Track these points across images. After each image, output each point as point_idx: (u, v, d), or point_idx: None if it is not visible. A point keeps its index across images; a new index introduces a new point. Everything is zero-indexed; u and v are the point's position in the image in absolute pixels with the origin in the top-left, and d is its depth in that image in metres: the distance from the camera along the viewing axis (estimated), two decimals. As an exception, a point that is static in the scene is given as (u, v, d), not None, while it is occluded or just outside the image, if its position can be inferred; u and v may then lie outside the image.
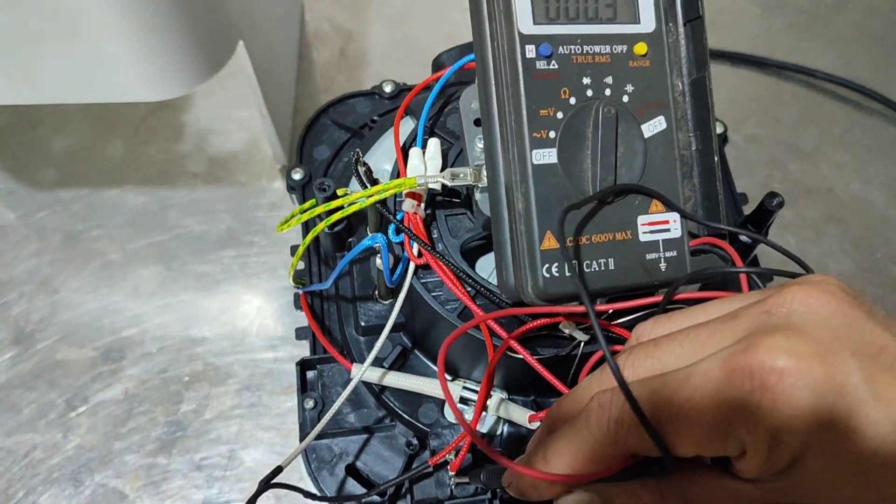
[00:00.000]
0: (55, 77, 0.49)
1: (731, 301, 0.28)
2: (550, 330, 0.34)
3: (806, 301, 0.25)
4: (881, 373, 0.24)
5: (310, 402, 0.40)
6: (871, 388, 0.23)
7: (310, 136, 0.48)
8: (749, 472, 0.25)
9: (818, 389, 0.23)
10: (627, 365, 0.27)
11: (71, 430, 0.58)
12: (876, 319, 0.25)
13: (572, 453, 0.27)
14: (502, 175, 0.31)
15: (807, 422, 0.23)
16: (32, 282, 0.63)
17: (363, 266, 0.41)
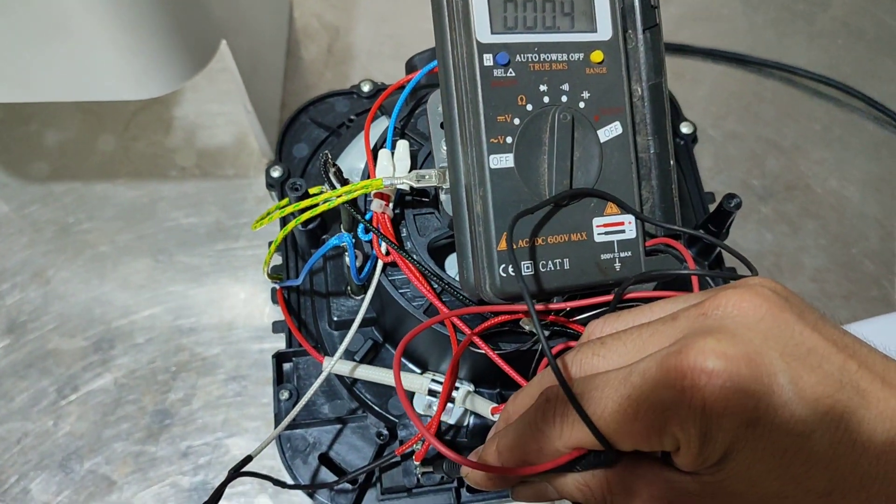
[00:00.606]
0: (45, 76, 0.51)
1: (674, 302, 0.29)
2: (512, 326, 0.35)
3: (739, 304, 0.26)
4: (808, 372, 0.25)
5: (285, 393, 0.41)
6: (796, 388, 0.25)
7: (289, 134, 0.49)
8: (684, 465, 0.27)
9: (745, 389, 0.24)
10: (575, 362, 0.29)
11: (61, 418, 0.60)
12: (806, 321, 0.26)
13: (521, 446, 0.29)
14: (463, 178, 0.33)
15: (734, 420, 0.24)
16: (25, 273, 0.65)
17: (336, 263, 0.42)
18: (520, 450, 0.29)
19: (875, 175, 0.70)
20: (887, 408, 0.25)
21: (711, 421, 0.25)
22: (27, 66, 0.49)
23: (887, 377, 0.26)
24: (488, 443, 0.31)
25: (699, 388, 0.25)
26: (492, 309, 0.34)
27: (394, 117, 0.39)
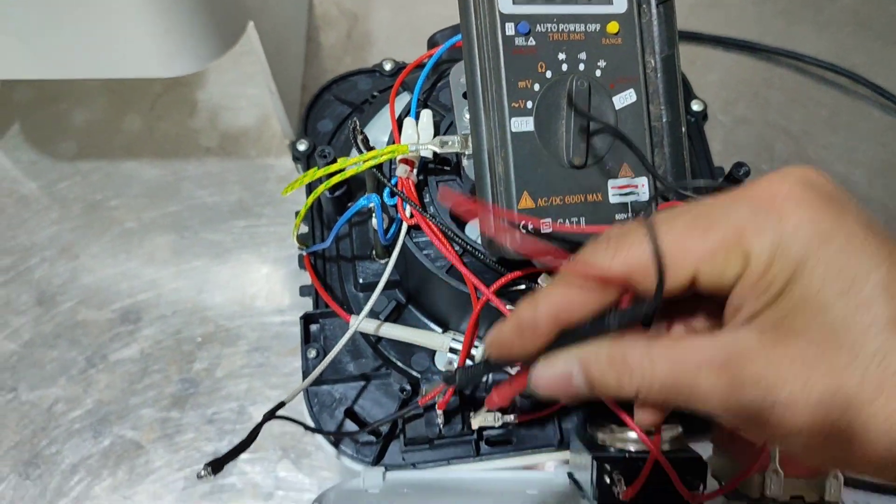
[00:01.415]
0: (75, 54, 0.53)
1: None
2: (529, 284, 0.37)
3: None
4: (876, 224, 0.27)
5: (312, 351, 0.44)
6: (866, 229, 0.26)
7: (314, 110, 0.51)
8: (745, 293, 0.27)
9: (822, 207, 0.26)
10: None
11: (91, 386, 0.62)
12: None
13: (563, 285, 0.29)
14: (485, 142, 0.35)
15: (809, 233, 0.26)
16: (54, 247, 0.67)
17: (362, 229, 0.44)
18: (560, 289, 0.29)
19: (881, 160, 0.72)
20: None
21: (786, 231, 0.26)
22: (58, 43, 0.51)
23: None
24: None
25: (779, 204, 0.26)
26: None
27: (418, 87, 0.41)
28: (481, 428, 0.41)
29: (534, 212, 0.34)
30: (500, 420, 0.41)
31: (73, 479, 0.59)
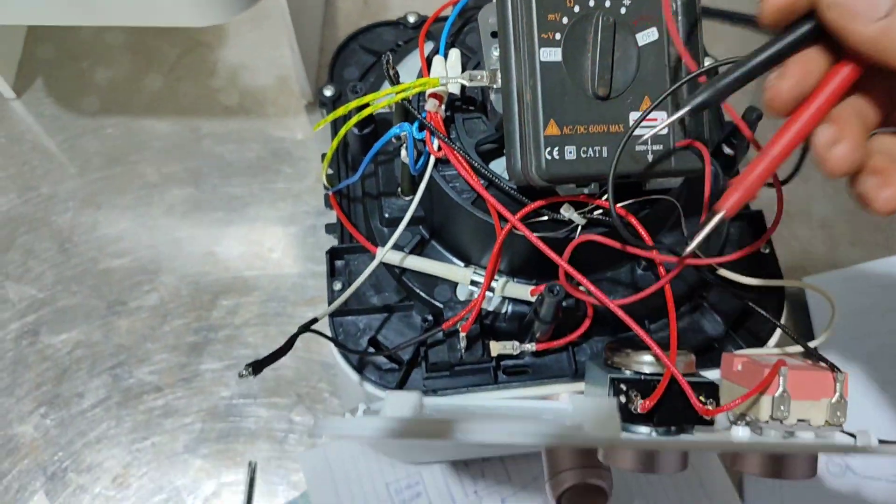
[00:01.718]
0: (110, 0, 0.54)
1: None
2: (551, 214, 0.39)
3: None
4: None
5: (338, 284, 0.45)
6: None
7: (340, 59, 0.53)
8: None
9: None
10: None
11: (111, 332, 0.64)
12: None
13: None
14: (514, 72, 0.37)
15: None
16: (76, 198, 0.69)
17: (387, 167, 0.46)
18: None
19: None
20: None
21: None
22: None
23: None
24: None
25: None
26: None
27: (447, 29, 0.43)
28: (500, 356, 0.43)
29: (559, 139, 0.36)
30: (518, 349, 0.43)
31: (94, 420, 0.61)
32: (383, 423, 0.27)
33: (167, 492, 0.59)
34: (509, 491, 0.59)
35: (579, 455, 0.44)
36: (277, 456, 0.60)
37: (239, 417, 0.61)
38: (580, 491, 0.44)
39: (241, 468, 0.59)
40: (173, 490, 0.59)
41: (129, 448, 0.60)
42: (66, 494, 0.58)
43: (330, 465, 0.59)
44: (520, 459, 0.60)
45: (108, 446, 0.60)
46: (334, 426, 0.28)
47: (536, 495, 0.59)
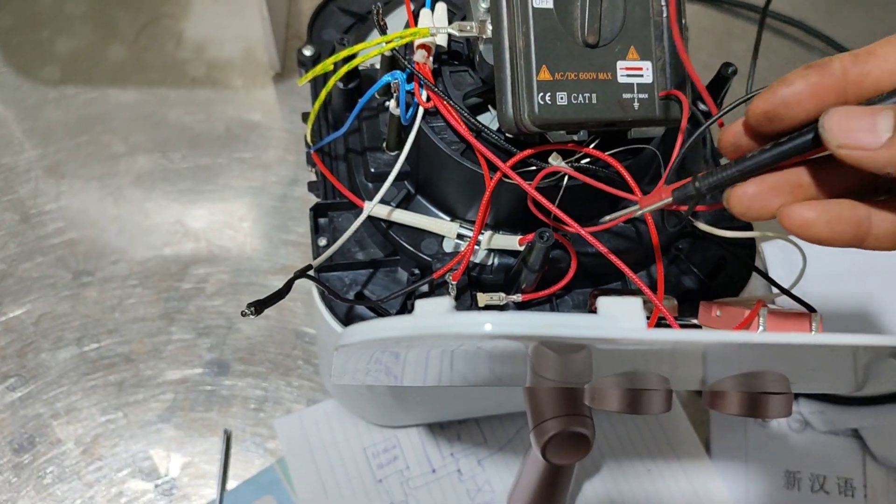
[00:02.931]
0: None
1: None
2: (540, 163, 0.40)
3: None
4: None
5: (322, 240, 0.45)
6: None
7: (318, 20, 0.53)
8: None
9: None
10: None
11: (78, 302, 0.63)
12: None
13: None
14: (506, 20, 0.37)
15: None
16: (39, 168, 0.67)
17: (371, 122, 0.46)
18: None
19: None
20: None
21: None
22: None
23: None
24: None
25: None
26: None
27: (433, -18, 0.44)
28: (487, 306, 0.44)
29: (551, 84, 0.37)
30: (505, 300, 0.43)
31: (62, 392, 0.59)
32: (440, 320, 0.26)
33: (140, 462, 0.58)
34: (485, 452, 0.60)
35: (563, 403, 0.45)
36: (252, 424, 0.60)
37: (212, 386, 0.61)
38: (564, 439, 0.45)
39: (215, 437, 0.59)
40: (146, 460, 0.58)
41: (100, 419, 0.59)
42: (35, 467, 0.57)
43: (306, 431, 0.59)
44: (494, 421, 0.61)
45: (77, 418, 0.59)
46: (368, 328, 0.28)
47: (512, 456, 0.60)
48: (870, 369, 0.39)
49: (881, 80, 0.29)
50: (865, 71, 0.29)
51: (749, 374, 0.39)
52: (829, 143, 0.28)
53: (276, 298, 0.36)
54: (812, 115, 0.29)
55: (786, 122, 0.30)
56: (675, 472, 0.60)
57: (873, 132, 0.27)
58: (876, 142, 0.27)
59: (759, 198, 0.31)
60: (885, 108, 0.27)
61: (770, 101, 0.30)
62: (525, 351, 0.33)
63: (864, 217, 0.30)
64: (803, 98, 0.29)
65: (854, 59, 0.29)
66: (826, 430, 0.62)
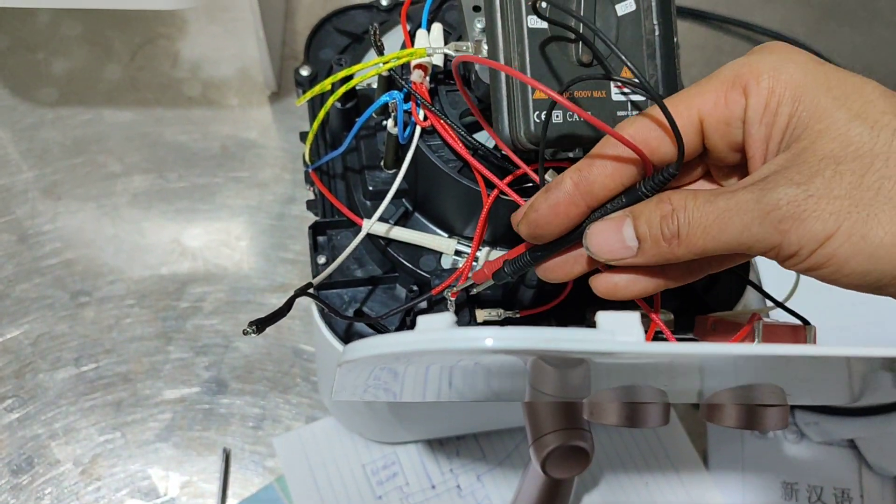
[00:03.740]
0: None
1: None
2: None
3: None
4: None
5: (322, 258, 0.46)
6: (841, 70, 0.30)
7: (315, 40, 0.53)
8: (754, 132, 0.31)
9: (805, 55, 0.31)
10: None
11: (76, 322, 0.63)
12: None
13: (582, 166, 0.33)
14: (501, 40, 0.38)
15: (800, 61, 0.30)
16: (36, 188, 0.67)
17: (369, 141, 0.47)
18: (592, 159, 0.33)
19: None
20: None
21: (778, 61, 0.30)
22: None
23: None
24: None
25: (765, 52, 0.31)
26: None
27: (428, 4, 0.44)
28: (485, 322, 0.44)
29: (546, 103, 0.37)
30: (503, 315, 0.44)
31: (60, 412, 0.59)
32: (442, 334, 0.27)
33: (138, 482, 0.58)
34: (485, 467, 0.60)
35: (562, 417, 0.45)
36: (251, 442, 0.60)
37: (210, 405, 0.61)
38: (564, 453, 0.45)
39: (214, 456, 0.59)
40: (145, 480, 0.58)
41: (98, 439, 0.59)
42: (33, 489, 0.57)
43: (305, 448, 0.59)
44: (493, 436, 0.61)
45: (75, 438, 0.59)
46: (371, 344, 0.28)
47: (511, 471, 0.60)
48: (866, 381, 0.40)
49: (606, 184, 0.33)
50: (591, 179, 0.33)
51: (745, 386, 0.39)
52: (598, 259, 0.33)
53: (277, 317, 0.37)
54: (564, 226, 0.34)
55: (547, 237, 0.34)
56: (672, 484, 0.60)
57: (624, 246, 0.32)
58: (630, 253, 0.32)
59: (560, 267, 0.36)
60: (626, 217, 0.32)
61: (528, 225, 0.34)
62: (523, 366, 0.33)
63: (657, 270, 0.34)
64: (550, 218, 0.33)
65: (579, 171, 0.33)
66: (822, 441, 0.63)
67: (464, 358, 0.31)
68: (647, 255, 0.32)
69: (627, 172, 0.33)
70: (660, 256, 0.31)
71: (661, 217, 0.31)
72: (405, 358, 0.30)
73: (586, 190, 0.33)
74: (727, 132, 0.32)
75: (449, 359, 0.31)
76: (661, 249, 0.31)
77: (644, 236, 0.31)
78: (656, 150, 0.32)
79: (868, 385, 0.42)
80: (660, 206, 0.31)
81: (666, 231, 0.31)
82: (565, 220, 0.33)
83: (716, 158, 0.34)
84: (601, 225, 0.33)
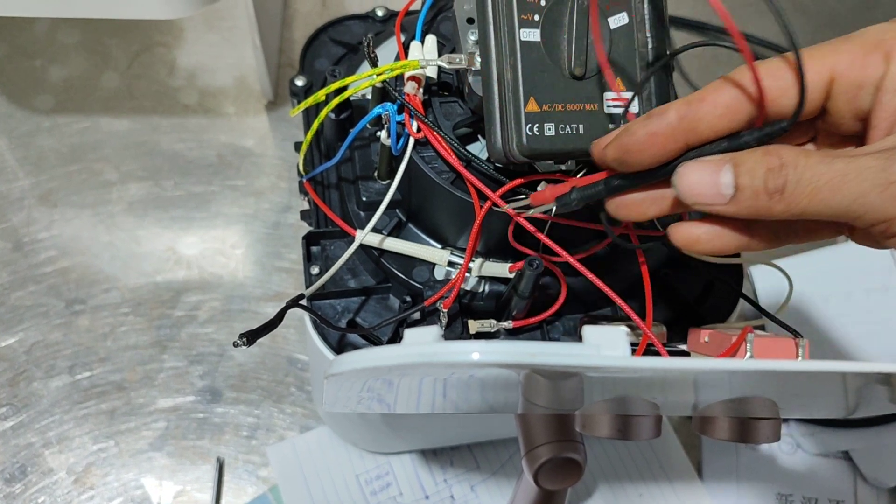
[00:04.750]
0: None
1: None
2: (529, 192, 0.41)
3: None
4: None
5: (315, 268, 0.46)
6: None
7: (310, 50, 0.53)
8: (888, 100, 0.29)
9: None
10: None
11: (71, 331, 0.63)
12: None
13: (691, 100, 0.31)
14: (493, 53, 0.38)
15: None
16: (32, 196, 0.67)
17: (363, 152, 0.47)
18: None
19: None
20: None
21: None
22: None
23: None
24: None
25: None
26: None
27: (422, 16, 0.44)
28: (478, 333, 0.44)
29: (539, 116, 0.38)
30: (496, 327, 0.44)
31: (53, 421, 0.59)
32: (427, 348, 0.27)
33: (131, 491, 0.58)
34: (478, 478, 0.60)
35: (554, 429, 0.45)
36: (245, 451, 0.60)
37: (204, 414, 0.61)
38: (556, 465, 0.45)
39: (207, 465, 0.59)
40: (138, 489, 0.58)
41: (91, 448, 0.59)
42: (26, 497, 0.57)
43: (299, 458, 0.59)
44: (487, 446, 0.61)
45: (69, 447, 0.59)
46: (356, 358, 0.28)
47: (505, 481, 0.60)
48: (861, 394, 0.40)
49: (713, 124, 0.31)
50: (698, 116, 0.31)
51: (737, 399, 0.39)
52: (684, 200, 0.31)
53: (268, 328, 0.37)
54: (656, 158, 0.32)
55: (634, 166, 0.32)
56: (666, 496, 0.60)
57: (718, 191, 0.30)
58: (722, 200, 0.30)
59: (636, 204, 0.34)
60: (726, 163, 0.30)
61: (617, 148, 0.32)
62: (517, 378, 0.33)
63: (744, 227, 0.32)
64: (645, 146, 0.31)
65: (687, 105, 0.31)
66: (817, 453, 0.63)
67: (457, 371, 0.31)
68: (740, 205, 0.30)
69: (737, 118, 0.31)
70: (754, 210, 0.30)
71: (768, 169, 0.29)
72: (397, 371, 0.30)
73: (690, 126, 0.31)
74: (856, 96, 0.30)
75: (440, 371, 0.31)
76: (759, 202, 0.29)
77: (744, 185, 0.29)
78: (774, 102, 0.30)
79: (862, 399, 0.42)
80: (767, 157, 0.29)
81: (770, 184, 0.29)
82: (659, 152, 0.31)
83: (832, 124, 0.32)
84: (697, 165, 0.31)
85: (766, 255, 0.71)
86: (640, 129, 0.32)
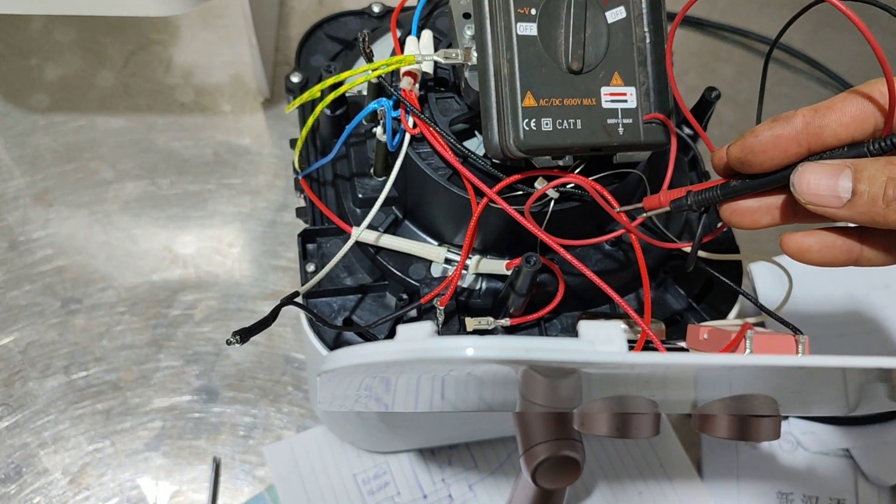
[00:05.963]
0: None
1: None
2: (526, 188, 0.40)
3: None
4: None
5: (311, 266, 0.45)
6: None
7: (306, 47, 0.53)
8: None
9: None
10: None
11: (66, 330, 0.62)
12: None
13: (818, 108, 0.32)
14: (490, 48, 0.38)
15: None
16: (28, 195, 0.67)
17: (359, 149, 0.46)
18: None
19: (817, 129, 0.78)
20: None
21: None
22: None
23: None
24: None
25: None
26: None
27: (418, 11, 0.44)
28: (475, 331, 0.44)
29: (536, 111, 0.37)
30: (493, 324, 0.43)
31: (49, 421, 0.59)
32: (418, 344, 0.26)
33: (127, 491, 0.57)
34: (477, 477, 0.59)
35: (552, 427, 0.45)
36: (242, 451, 0.59)
37: (201, 414, 0.60)
38: (554, 463, 0.44)
39: (204, 465, 0.58)
40: (134, 489, 0.57)
41: (87, 448, 0.58)
42: (21, 498, 0.56)
43: (296, 457, 0.59)
44: (485, 445, 0.60)
45: (64, 447, 0.58)
46: (348, 354, 0.28)
47: (503, 480, 0.59)
48: (862, 391, 0.39)
49: (837, 132, 0.32)
50: (824, 124, 0.32)
51: (737, 397, 0.39)
52: (799, 200, 0.32)
53: (261, 326, 0.36)
54: (777, 161, 0.33)
55: (755, 167, 0.34)
56: (666, 494, 0.60)
57: (835, 194, 0.31)
58: (838, 203, 0.31)
59: (750, 211, 0.35)
60: (846, 168, 0.31)
61: (741, 148, 0.34)
62: (515, 376, 0.33)
63: (856, 239, 0.33)
64: (768, 147, 0.33)
65: (814, 112, 0.32)
66: (818, 451, 0.62)
67: (453, 368, 0.31)
68: (856, 210, 0.30)
69: (862, 128, 0.32)
70: (869, 216, 0.30)
71: (890, 178, 0.30)
72: (386, 368, 0.30)
73: (815, 133, 0.32)
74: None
75: (436, 369, 0.31)
76: (875, 209, 0.30)
77: (862, 191, 0.30)
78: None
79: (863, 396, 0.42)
80: (889, 166, 0.30)
81: (890, 192, 0.29)
82: (781, 156, 0.33)
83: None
84: (817, 166, 0.31)
85: (765, 251, 0.70)
86: (766, 132, 0.33)
